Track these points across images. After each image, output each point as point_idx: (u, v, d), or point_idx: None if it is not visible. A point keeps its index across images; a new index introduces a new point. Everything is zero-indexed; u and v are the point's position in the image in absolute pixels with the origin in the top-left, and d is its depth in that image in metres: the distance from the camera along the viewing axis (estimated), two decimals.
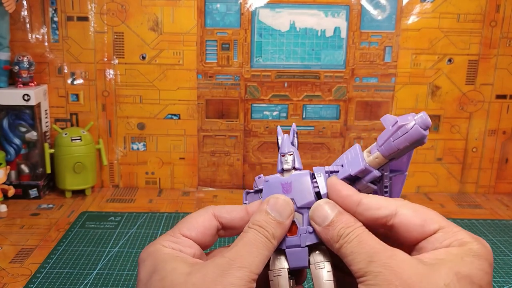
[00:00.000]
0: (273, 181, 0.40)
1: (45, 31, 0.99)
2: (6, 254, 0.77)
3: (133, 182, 1.07)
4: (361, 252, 0.33)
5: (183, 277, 0.34)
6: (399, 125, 0.36)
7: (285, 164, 0.40)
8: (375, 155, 0.38)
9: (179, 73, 1.02)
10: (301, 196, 0.39)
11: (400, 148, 0.37)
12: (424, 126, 0.36)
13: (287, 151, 0.41)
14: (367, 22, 1.01)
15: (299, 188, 0.39)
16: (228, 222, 0.40)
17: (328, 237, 0.36)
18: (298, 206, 0.39)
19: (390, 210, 0.36)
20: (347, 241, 0.35)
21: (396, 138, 0.36)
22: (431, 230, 0.35)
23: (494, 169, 1.09)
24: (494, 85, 1.04)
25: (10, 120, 0.98)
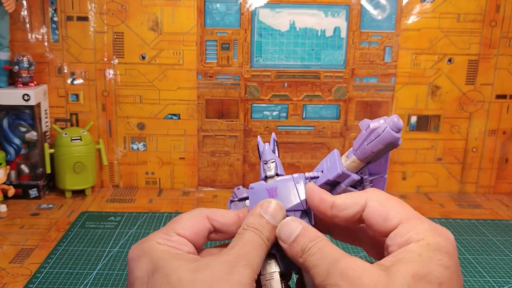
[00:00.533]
0: (258, 188, 0.41)
1: (45, 31, 0.99)
2: (6, 254, 0.77)
3: (133, 182, 1.07)
4: (322, 264, 0.33)
5: (190, 274, 0.33)
6: (371, 129, 0.37)
7: (268, 171, 0.41)
8: (351, 159, 0.39)
9: (179, 73, 1.02)
10: (287, 200, 0.40)
11: (374, 151, 0.37)
12: (396, 128, 0.37)
13: (269, 159, 0.42)
14: (367, 22, 1.01)
15: (285, 193, 0.40)
16: (220, 226, 0.40)
17: (293, 253, 0.36)
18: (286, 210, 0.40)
19: (360, 205, 0.36)
20: (310, 254, 0.35)
21: (369, 142, 0.37)
22: (393, 225, 0.34)
23: (494, 169, 1.09)
24: (494, 85, 1.04)
25: (10, 120, 0.98)
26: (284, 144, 1.06)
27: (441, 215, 0.97)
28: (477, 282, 0.72)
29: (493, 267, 0.77)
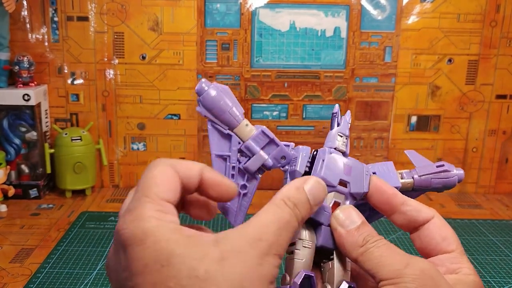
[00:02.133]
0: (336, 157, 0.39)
1: (45, 31, 0.99)
2: (6, 254, 0.77)
3: (133, 182, 1.07)
4: (394, 255, 0.33)
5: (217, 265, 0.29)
6: (445, 169, 0.42)
7: (342, 145, 0.40)
8: (408, 181, 0.42)
9: (179, 73, 1.02)
10: (356, 183, 0.39)
11: (432, 186, 0.41)
12: (460, 179, 0.41)
13: (346, 134, 0.41)
14: (367, 22, 1.01)
15: (357, 177, 0.39)
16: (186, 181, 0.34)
17: (352, 240, 0.35)
18: (350, 192, 0.38)
19: (428, 215, 0.38)
20: (375, 246, 0.34)
21: (436, 178, 0.41)
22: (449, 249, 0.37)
23: (494, 169, 1.09)
24: (494, 85, 1.04)
25: (10, 120, 0.98)
26: None
27: (441, 215, 0.97)
28: None
29: (493, 267, 0.77)
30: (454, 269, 0.36)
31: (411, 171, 0.42)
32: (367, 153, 1.07)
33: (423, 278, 0.32)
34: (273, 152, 0.39)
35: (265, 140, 0.39)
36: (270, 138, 0.39)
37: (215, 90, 0.38)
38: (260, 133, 0.39)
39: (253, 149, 0.39)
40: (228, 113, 0.39)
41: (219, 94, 0.38)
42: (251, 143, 0.39)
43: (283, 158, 0.39)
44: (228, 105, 0.39)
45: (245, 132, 0.39)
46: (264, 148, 0.39)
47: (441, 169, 0.41)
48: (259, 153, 0.39)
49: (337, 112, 0.42)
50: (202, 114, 0.39)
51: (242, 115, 0.39)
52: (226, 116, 0.39)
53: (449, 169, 0.41)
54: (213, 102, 0.38)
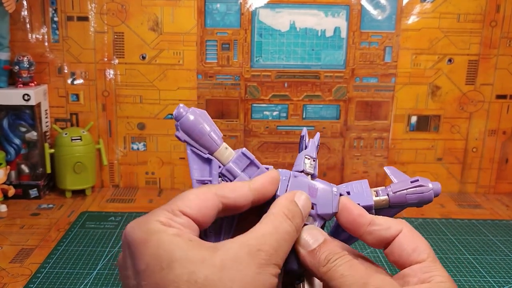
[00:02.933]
0: (301, 180, 0.40)
1: (45, 31, 0.99)
2: (6, 254, 0.77)
3: (133, 182, 1.07)
4: (354, 274, 0.34)
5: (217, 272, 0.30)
6: (420, 184, 0.41)
7: (309, 167, 0.41)
8: (382, 198, 0.41)
9: (179, 73, 1.02)
10: (323, 204, 0.39)
11: (407, 202, 0.41)
12: (436, 194, 0.40)
13: (313, 156, 0.41)
14: (367, 22, 1.01)
15: (323, 197, 0.40)
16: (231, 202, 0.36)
17: (315, 261, 0.36)
18: (318, 213, 0.39)
19: (398, 230, 0.38)
20: (336, 265, 0.35)
21: (410, 193, 0.41)
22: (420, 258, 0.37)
23: (494, 169, 1.09)
24: (494, 85, 1.04)
25: (10, 120, 0.98)
26: (284, 144, 1.06)
27: (441, 215, 0.97)
28: (477, 282, 0.72)
29: (493, 267, 0.77)
30: (425, 278, 0.35)
31: (386, 188, 0.42)
32: (367, 153, 1.07)
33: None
34: (253, 174, 0.39)
35: (245, 162, 0.39)
36: (250, 159, 0.39)
37: (193, 114, 0.38)
38: (240, 154, 0.39)
39: (234, 172, 0.39)
40: (207, 136, 0.38)
41: (197, 119, 0.38)
42: (232, 165, 0.39)
43: None
44: (207, 129, 0.38)
45: (225, 155, 0.39)
46: (244, 171, 0.39)
47: (415, 184, 0.41)
48: (240, 175, 0.39)
49: (303, 135, 0.43)
50: (181, 139, 0.38)
51: (221, 139, 0.39)
52: (205, 139, 0.38)
53: (423, 184, 0.41)
54: (191, 126, 0.38)
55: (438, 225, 0.91)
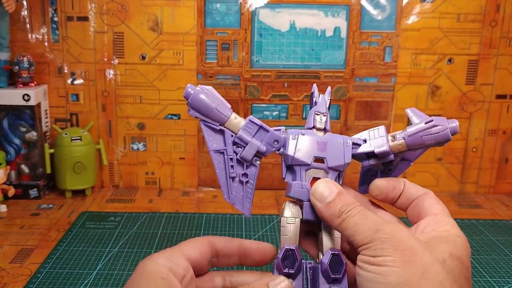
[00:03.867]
0: (309, 137, 0.42)
1: (45, 31, 0.99)
2: (6, 254, 0.77)
3: (133, 182, 1.07)
4: (366, 223, 0.36)
5: None
6: (434, 124, 0.40)
7: (319, 123, 0.43)
8: (399, 142, 0.42)
9: (179, 73, 1.02)
10: (333, 157, 0.41)
11: (425, 143, 0.41)
12: (453, 132, 0.40)
13: (323, 111, 0.43)
14: (367, 22, 1.01)
15: (333, 150, 0.42)
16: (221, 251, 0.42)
17: (330, 213, 0.38)
18: (328, 166, 0.41)
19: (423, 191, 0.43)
20: (350, 215, 0.37)
21: (426, 134, 0.40)
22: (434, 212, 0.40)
23: (494, 169, 1.09)
24: (494, 85, 1.04)
25: (10, 120, 0.98)
26: None
27: None
28: (477, 282, 0.72)
29: (493, 267, 0.77)
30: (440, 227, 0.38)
31: (402, 132, 0.42)
32: None
33: (392, 240, 0.34)
34: (265, 138, 0.42)
35: (254, 128, 0.42)
36: (258, 125, 0.42)
37: (200, 91, 0.41)
38: (248, 122, 0.42)
39: (245, 139, 0.42)
40: (215, 110, 0.41)
41: (204, 94, 0.41)
42: (242, 133, 0.42)
43: (276, 142, 0.42)
44: (214, 103, 0.42)
45: (235, 125, 0.42)
46: (255, 136, 0.42)
47: (429, 125, 0.40)
48: (252, 141, 0.42)
49: (313, 91, 0.44)
50: (193, 116, 0.41)
51: (229, 110, 0.42)
52: (214, 113, 0.41)
53: (438, 123, 0.40)
54: (200, 102, 0.41)
55: None
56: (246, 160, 0.42)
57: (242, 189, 0.42)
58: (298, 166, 0.41)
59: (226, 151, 0.42)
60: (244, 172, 0.42)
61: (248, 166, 0.42)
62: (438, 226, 0.39)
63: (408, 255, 0.34)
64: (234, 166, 0.42)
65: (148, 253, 0.77)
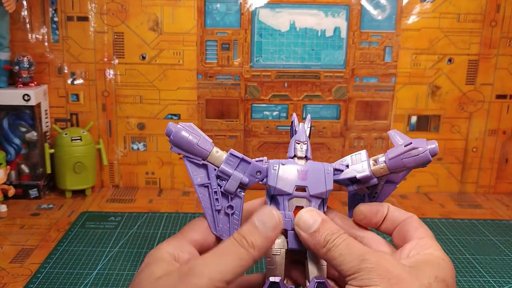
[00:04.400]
0: (289, 166, 0.43)
1: (45, 31, 0.99)
2: (6, 254, 0.77)
3: (133, 182, 1.07)
4: (351, 253, 0.37)
5: (151, 282, 0.37)
6: (413, 147, 0.41)
7: (300, 152, 0.43)
8: (381, 166, 0.42)
9: (179, 73, 1.02)
10: (315, 185, 0.42)
11: (406, 166, 0.41)
12: (433, 153, 0.41)
13: (303, 140, 0.44)
14: (367, 22, 1.01)
15: (314, 178, 0.42)
16: None
17: (315, 242, 0.39)
18: (310, 194, 0.42)
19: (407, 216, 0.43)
20: (335, 245, 0.37)
21: (406, 157, 0.41)
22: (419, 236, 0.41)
23: (494, 169, 1.09)
24: (494, 85, 1.04)
25: (10, 120, 0.98)
26: (284, 144, 1.06)
27: (441, 215, 0.97)
28: (477, 282, 0.72)
29: (493, 267, 0.77)
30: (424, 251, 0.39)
31: (384, 155, 0.43)
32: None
33: (378, 269, 0.35)
34: (247, 169, 0.43)
35: (236, 160, 0.43)
36: (239, 158, 0.43)
37: (181, 128, 0.42)
38: (229, 155, 0.43)
39: (228, 172, 0.42)
40: (197, 145, 0.42)
41: (186, 131, 0.42)
42: (224, 167, 0.43)
43: (259, 173, 0.43)
44: (195, 139, 0.42)
45: (217, 158, 0.43)
46: (237, 168, 0.43)
47: (409, 147, 0.41)
48: (234, 174, 0.42)
49: (293, 120, 0.45)
50: (176, 153, 0.43)
51: (211, 144, 0.43)
52: (196, 148, 0.42)
53: (417, 146, 0.41)
54: (182, 139, 0.42)
55: (438, 225, 0.91)
56: (230, 193, 0.43)
57: (228, 220, 0.43)
58: (280, 196, 0.42)
59: (210, 184, 0.43)
60: (229, 204, 0.43)
61: (233, 198, 0.43)
62: (422, 249, 0.39)
63: (394, 283, 0.34)
64: (219, 199, 0.43)
65: None
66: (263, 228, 0.38)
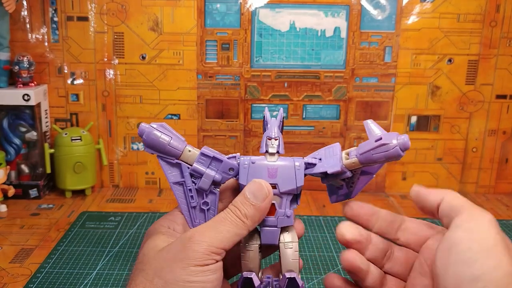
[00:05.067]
0: (259, 164, 0.43)
1: (45, 31, 0.99)
2: (6, 254, 0.77)
3: (133, 182, 1.07)
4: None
5: (155, 253, 0.40)
6: (382, 143, 0.40)
7: (271, 148, 0.44)
8: (352, 160, 0.42)
9: (179, 73, 1.02)
10: (285, 182, 0.43)
11: (376, 161, 0.41)
12: (403, 148, 0.40)
13: (274, 136, 0.44)
14: (367, 22, 1.01)
15: (284, 175, 0.43)
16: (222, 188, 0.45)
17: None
18: (281, 192, 0.42)
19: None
20: None
21: (376, 153, 0.41)
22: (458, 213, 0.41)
23: (494, 169, 1.09)
24: (494, 85, 1.04)
25: (10, 120, 0.98)
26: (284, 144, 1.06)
27: None
28: None
29: None
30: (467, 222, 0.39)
31: (356, 149, 0.43)
32: None
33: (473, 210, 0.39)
34: (219, 167, 0.43)
35: (207, 159, 0.43)
36: (210, 156, 0.43)
37: (153, 129, 0.44)
38: (200, 155, 0.44)
39: (200, 170, 0.43)
40: (168, 145, 0.43)
41: (157, 131, 0.44)
42: (196, 165, 0.44)
43: (231, 170, 0.44)
44: (167, 138, 0.44)
45: (189, 157, 0.44)
46: (210, 166, 0.43)
47: (378, 143, 0.41)
48: (206, 172, 0.43)
49: (264, 115, 0.46)
50: (149, 153, 0.44)
51: (183, 142, 0.44)
52: (168, 148, 0.43)
53: (386, 141, 0.40)
54: (153, 140, 0.43)
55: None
56: (204, 190, 0.44)
57: (204, 216, 0.44)
58: None
59: (184, 182, 0.44)
60: (204, 201, 0.44)
61: (208, 194, 0.44)
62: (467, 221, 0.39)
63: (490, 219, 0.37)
64: (193, 196, 0.44)
65: None
66: (254, 199, 0.40)
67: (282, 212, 0.42)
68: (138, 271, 0.40)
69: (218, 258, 0.39)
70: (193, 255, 0.38)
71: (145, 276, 0.39)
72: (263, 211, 0.41)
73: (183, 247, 0.38)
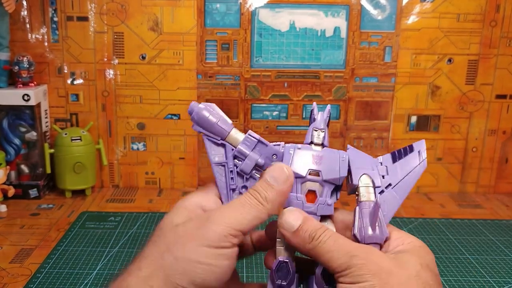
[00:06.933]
0: (305, 150, 0.44)
1: (45, 31, 0.99)
2: (6, 254, 0.77)
3: (133, 182, 1.07)
4: (339, 249, 0.37)
5: (171, 227, 0.39)
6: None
7: (317, 138, 0.46)
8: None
9: (179, 73, 1.02)
10: (328, 170, 0.43)
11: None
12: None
13: (321, 127, 0.46)
14: (367, 22, 1.01)
15: (329, 164, 0.44)
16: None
17: (299, 240, 0.39)
18: (323, 179, 0.43)
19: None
20: (321, 241, 0.38)
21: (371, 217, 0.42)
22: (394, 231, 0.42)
23: (494, 169, 1.09)
24: (494, 85, 1.04)
25: (10, 120, 0.98)
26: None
27: (441, 215, 0.97)
28: (477, 282, 0.72)
29: (493, 267, 0.77)
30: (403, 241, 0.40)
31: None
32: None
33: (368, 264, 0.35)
34: (263, 151, 0.44)
35: (253, 142, 0.44)
36: (256, 139, 0.44)
37: (203, 108, 0.44)
38: (247, 136, 0.45)
39: (244, 152, 0.44)
40: (216, 125, 0.44)
41: (207, 110, 0.44)
42: (241, 147, 0.44)
43: (275, 156, 0.44)
44: (215, 118, 0.44)
45: (235, 139, 0.45)
46: (254, 149, 0.44)
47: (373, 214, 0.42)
48: (250, 154, 0.44)
49: (312, 109, 0.47)
50: (197, 131, 0.44)
51: (230, 125, 0.45)
52: (216, 127, 0.44)
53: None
54: (202, 118, 0.44)
55: (438, 225, 0.91)
56: (245, 173, 0.44)
57: None
58: (294, 179, 0.43)
59: (227, 164, 0.44)
60: (244, 185, 0.44)
61: (248, 179, 0.44)
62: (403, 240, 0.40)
63: (385, 278, 0.35)
64: (234, 178, 0.44)
65: None
66: (274, 183, 0.40)
67: (323, 200, 0.42)
68: (151, 243, 0.39)
69: (235, 241, 0.38)
70: (208, 235, 0.37)
71: (155, 249, 0.38)
72: (284, 194, 0.40)
73: (201, 225, 0.38)
